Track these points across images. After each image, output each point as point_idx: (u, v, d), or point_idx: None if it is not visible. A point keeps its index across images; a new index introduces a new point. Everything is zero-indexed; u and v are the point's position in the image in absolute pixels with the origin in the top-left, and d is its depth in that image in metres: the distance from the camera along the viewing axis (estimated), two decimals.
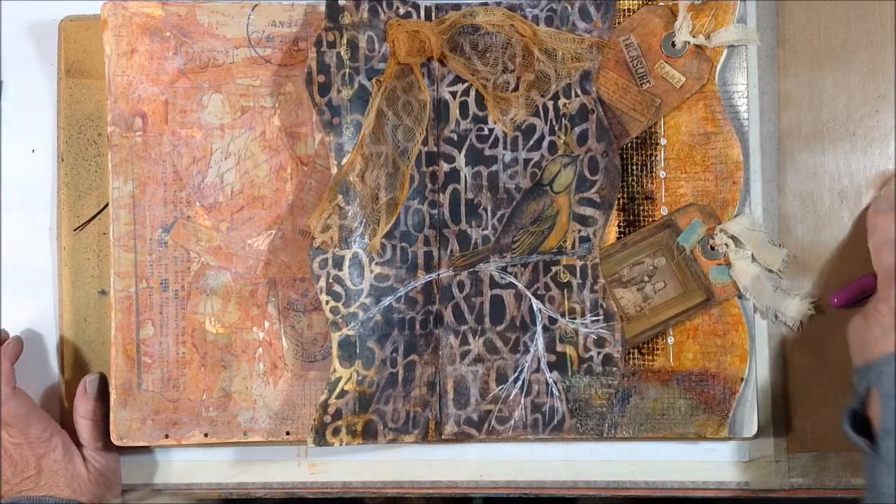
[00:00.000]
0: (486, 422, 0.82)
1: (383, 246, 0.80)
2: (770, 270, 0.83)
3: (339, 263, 0.79)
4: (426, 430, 0.81)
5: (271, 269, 0.82)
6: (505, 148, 0.82)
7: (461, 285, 0.82)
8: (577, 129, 0.82)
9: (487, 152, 0.82)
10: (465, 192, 0.82)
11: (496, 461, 0.85)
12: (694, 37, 0.82)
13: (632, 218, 0.83)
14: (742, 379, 0.82)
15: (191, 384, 0.82)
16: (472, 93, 0.82)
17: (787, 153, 0.84)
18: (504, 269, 0.82)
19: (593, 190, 0.82)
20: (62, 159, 0.84)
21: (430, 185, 0.82)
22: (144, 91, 0.82)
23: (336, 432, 0.79)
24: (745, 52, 0.83)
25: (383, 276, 0.80)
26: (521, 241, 0.82)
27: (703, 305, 0.83)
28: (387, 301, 0.80)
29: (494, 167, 0.82)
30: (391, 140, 0.80)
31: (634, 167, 0.83)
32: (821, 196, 0.84)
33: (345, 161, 0.79)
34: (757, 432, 0.83)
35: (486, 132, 0.82)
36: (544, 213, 0.82)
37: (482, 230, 0.82)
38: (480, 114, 0.82)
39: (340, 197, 0.79)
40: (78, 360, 0.84)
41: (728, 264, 0.83)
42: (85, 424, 0.81)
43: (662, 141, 0.83)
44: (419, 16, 0.81)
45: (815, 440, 0.83)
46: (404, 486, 0.85)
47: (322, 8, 0.80)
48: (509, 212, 0.82)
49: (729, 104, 0.83)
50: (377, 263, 0.80)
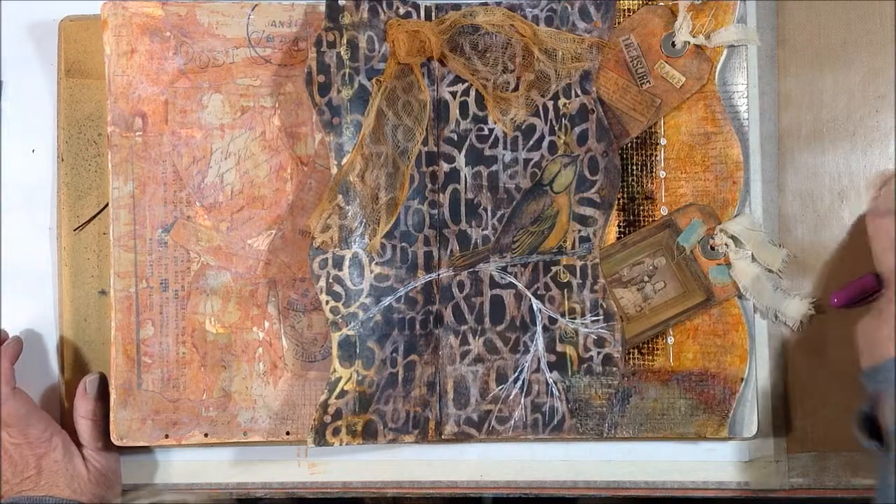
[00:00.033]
0: (486, 422, 0.82)
1: (383, 246, 0.80)
2: (770, 270, 0.83)
3: (339, 263, 0.79)
4: (426, 430, 0.81)
5: (271, 269, 0.82)
6: (505, 148, 0.82)
7: (461, 285, 0.82)
8: (577, 129, 0.82)
9: (487, 152, 0.82)
10: (465, 192, 0.82)
11: (496, 461, 0.85)
12: (694, 37, 0.82)
13: (632, 218, 0.83)
14: (742, 379, 0.82)
15: (191, 384, 0.82)
16: (472, 93, 0.82)
17: (787, 153, 0.84)
18: (504, 269, 0.82)
19: (593, 190, 0.82)
20: (62, 159, 0.84)
21: (430, 185, 0.82)
22: (144, 91, 0.82)
23: (336, 432, 0.79)
24: (745, 52, 0.83)
25: (383, 276, 0.80)
26: (521, 241, 0.82)
27: (703, 305, 0.83)
28: (387, 301, 0.80)
29: (494, 167, 0.82)
30: (391, 140, 0.80)
31: (634, 167, 0.83)
32: (821, 196, 0.84)
33: (345, 161, 0.79)
34: (757, 432, 0.83)
35: (486, 132, 0.82)
36: (544, 213, 0.82)
37: (482, 230, 0.82)
38: (480, 114, 0.82)
39: (340, 197, 0.79)
40: (78, 360, 0.84)
41: (728, 264, 0.83)
42: (85, 424, 0.81)
43: (662, 141, 0.83)
44: (419, 16, 0.81)
45: (815, 440, 0.83)
46: (404, 486, 0.85)
47: (322, 8, 0.80)
48: (509, 212, 0.82)
49: (729, 104, 0.83)
50: (377, 263, 0.80)
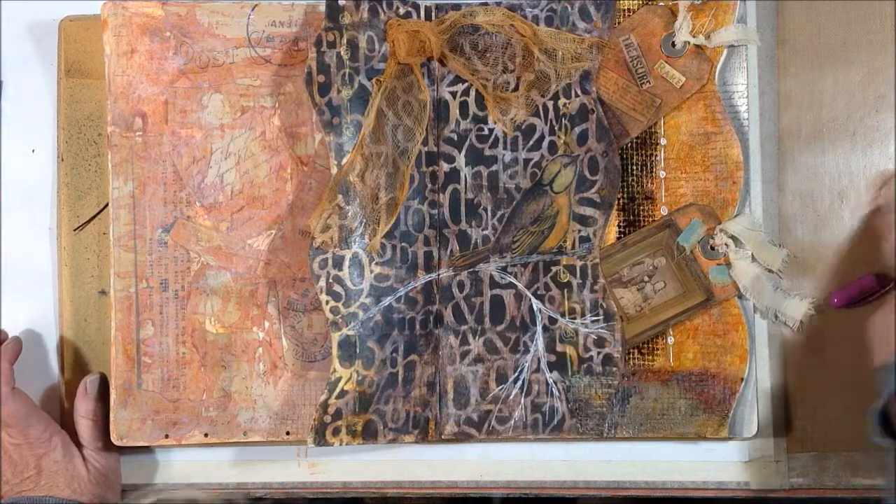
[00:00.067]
0: (486, 422, 0.82)
1: (383, 246, 0.80)
2: (770, 270, 0.83)
3: (339, 263, 0.79)
4: (426, 430, 0.81)
5: (271, 269, 0.82)
6: (505, 148, 0.82)
7: (461, 285, 0.82)
8: (577, 129, 0.82)
9: (487, 152, 0.82)
10: (465, 192, 0.82)
11: (496, 461, 0.85)
12: (694, 37, 0.82)
13: (632, 218, 0.83)
14: (742, 379, 0.82)
15: (191, 384, 0.82)
16: (472, 93, 0.82)
17: (787, 153, 0.84)
18: (504, 269, 0.82)
19: (593, 190, 0.82)
20: (62, 159, 0.84)
21: (430, 185, 0.82)
22: (144, 91, 0.82)
23: (336, 432, 0.79)
24: (745, 52, 0.83)
25: (383, 276, 0.80)
26: (521, 241, 0.82)
27: (703, 305, 0.83)
28: (387, 301, 0.80)
29: (494, 167, 0.82)
30: (391, 140, 0.80)
31: (634, 167, 0.83)
32: (821, 196, 0.84)
33: (345, 161, 0.79)
34: (757, 432, 0.83)
35: (486, 132, 0.82)
36: (544, 213, 0.82)
37: (482, 230, 0.82)
38: (480, 114, 0.82)
39: (340, 197, 0.79)
40: (78, 360, 0.84)
41: (728, 264, 0.83)
42: (85, 424, 0.81)
43: (662, 141, 0.83)
44: (419, 16, 0.81)
45: (815, 440, 0.83)
46: (404, 486, 0.85)
47: (322, 8, 0.80)
48: (509, 212, 0.82)
49: (729, 104, 0.83)
50: (377, 263, 0.80)
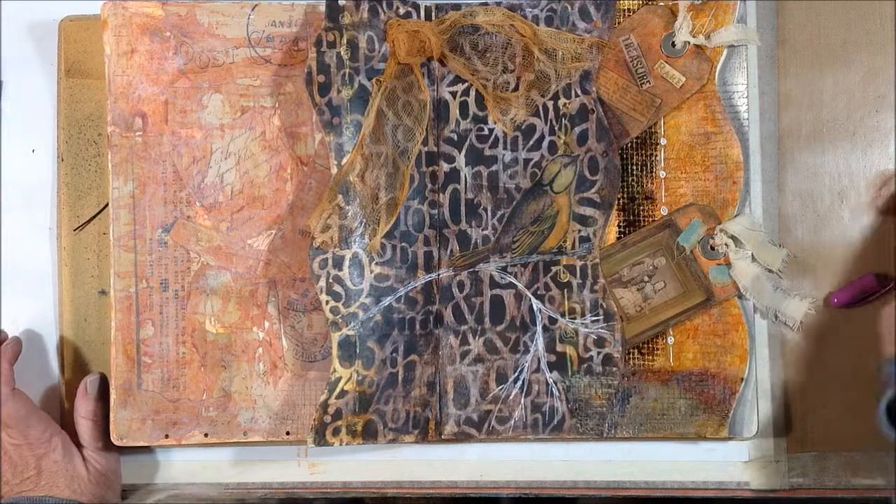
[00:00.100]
0: (486, 422, 0.82)
1: (383, 246, 0.80)
2: (770, 270, 0.83)
3: (339, 263, 0.79)
4: (426, 430, 0.81)
5: (271, 269, 0.82)
6: (505, 148, 0.82)
7: (461, 285, 0.82)
8: (577, 129, 0.82)
9: (487, 152, 0.82)
10: (465, 192, 0.82)
11: (496, 461, 0.85)
12: (694, 37, 0.82)
13: (632, 218, 0.83)
14: (742, 379, 0.82)
15: (191, 384, 0.82)
16: (472, 93, 0.82)
17: (787, 153, 0.84)
18: (504, 269, 0.82)
19: (593, 190, 0.82)
20: (62, 159, 0.84)
21: (430, 185, 0.82)
22: (144, 91, 0.82)
23: (336, 432, 0.79)
24: (745, 52, 0.83)
25: (383, 276, 0.80)
26: (521, 241, 0.82)
27: (703, 305, 0.83)
28: (387, 301, 0.80)
29: (494, 167, 0.82)
30: (391, 140, 0.80)
31: (634, 167, 0.83)
32: (821, 196, 0.84)
33: (345, 161, 0.79)
34: (757, 432, 0.83)
35: (486, 132, 0.82)
36: (544, 213, 0.82)
37: (482, 230, 0.82)
38: (480, 114, 0.82)
39: (340, 197, 0.79)
40: (78, 360, 0.84)
41: (728, 264, 0.83)
42: (85, 425, 0.81)
43: (662, 141, 0.83)
44: (419, 16, 0.81)
45: (815, 440, 0.83)
46: (404, 486, 0.85)
47: (322, 8, 0.80)
48: (509, 212, 0.82)
49: (729, 104, 0.83)
50: (377, 263, 0.80)
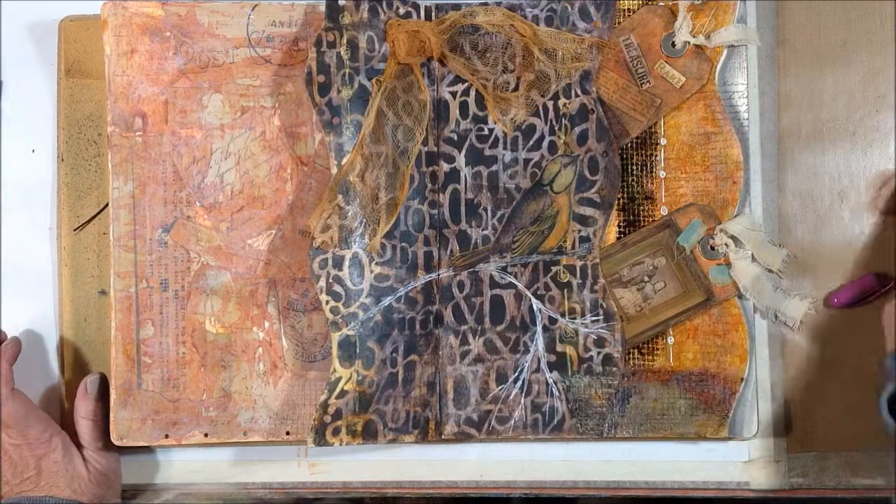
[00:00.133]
0: (486, 422, 0.82)
1: (383, 246, 0.80)
2: (770, 270, 0.83)
3: (339, 263, 0.79)
4: (426, 430, 0.81)
5: (271, 269, 0.82)
6: (505, 148, 0.82)
7: (461, 285, 0.82)
8: (577, 129, 0.82)
9: (487, 152, 0.82)
10: (465, 192, 0.82)
11: (496, 461, 0.85)
12: (694, 37, 0.82)
13: (632, 218, 0.83)
14: (742, 379, 0.82)
15: (191, 384, 0.82)
16: (472, 93, 0.82)
17: (787, 153, 0.84)
18: (504, 269, 0.82)
19: (593, 190, 0.82)
20: (62, 159, 0.84)
21: (430, 185, 0.82)
22: (144, 91, 0.82)
23: (336, 432, 0.79)
24: (745, 52, 0.83)
25: (383, 276, 0.80)
26: (521, 241, 0.82)
27: (703, 305, 0.83)
28: (387, 301, 0.80)
29: (494, 167, 0.82)
30: (391, 140, 0.80)
31: (634, 167, 0.83)
32: (821, 196, 0.84)
33: (345, 161, 0.79)
34: (757, 432, 0.83)
35: (486, 132, 0.82)
36: (544, 213, 0.82)
37: (482, 230, 0.82)
38: (480, 114, 0.82)
39: (340, 197, 0.79)
40: (78, 360, 0.84)
41: (728, 264, 0.83)
42: (85, 425, 0.81)
43: (662, 141, 0.83)
44: (419, 16, 0.81)
45: (815, 440, 0.83)
46: (404, 486, 0.85)
47: (322, 8, 0.80)
48: (509, 212, 0.82)
49: (729, 104, 0.83)
50: (377, 263, 0.80)
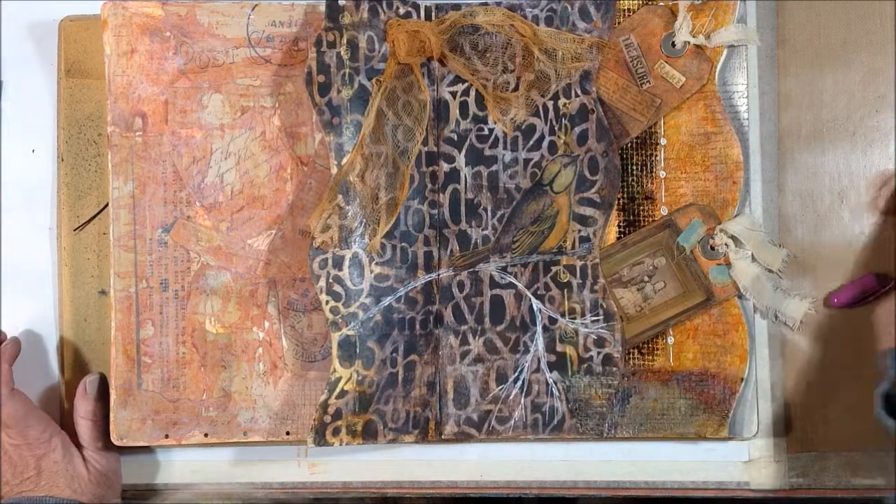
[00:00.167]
0: (486, 422, 0.82)
1: (383, 246, 0.80)
2: (770, 270, 0.83)
3: (339, 263, 0.79)
4: (426, 430, 0.81)
5: (271, 269, 0.82)
6: (505, 148, 0.82)
7: (461, 285, 0.82)
8: (577, 129, 0.82)
9: (487, 152, 0.82)
10: (465, 192, 0.82)
11: (496, 461, 0.85)
12: (694, 37, 0.82)
13: (632, 218, 0.83)
14: (742, 379, 0.82)
15: (191, 384, 0.82)
16: (472, 93, 0.82)
17: (787, 153, 0.84)
18: (504, 269, 0.82)
19: (593, 190, 0.82)
20: (62, 159, 0.84)
21: (430, 185, 0.82)
22: (144, 91, 0.82)
23: (336, 432, 0.79)
24: (745, 52, 0.83)
25: (383, 276, 0.80)
26: (521, 241, 0.82)
27: (703, 305, 0.83)
28: (387, 301, 0.80)
29: (494, 167, 0.82)
30: (391, 140, 0.80)
31: (634, 167, 0.83)
32: (821, 196, 0.84)
33: (345, 161, 0.79)
34: (757, 432, 0.83)
35: (486, 132, 0.82)
36: (544, 213, 0.82)
37: (482, 230, 0.82)
38: (480, 114, 0.82)
39: (340, 197, 0.79)
40: (78, 360, 0.84)
41: (728, 264, 0.83)
42: (85, 425, 0.81)
43: (662, 141, 0.83)
44: (419, 16, 0.81)
45: (815, 440, 0.83)
46: (404, 486, 0.85)
47: (322, 8, 0.80)
48: (509, 212, 0.82)
49: (729, 104, 0.83)
50: (377, 263, 0.80)
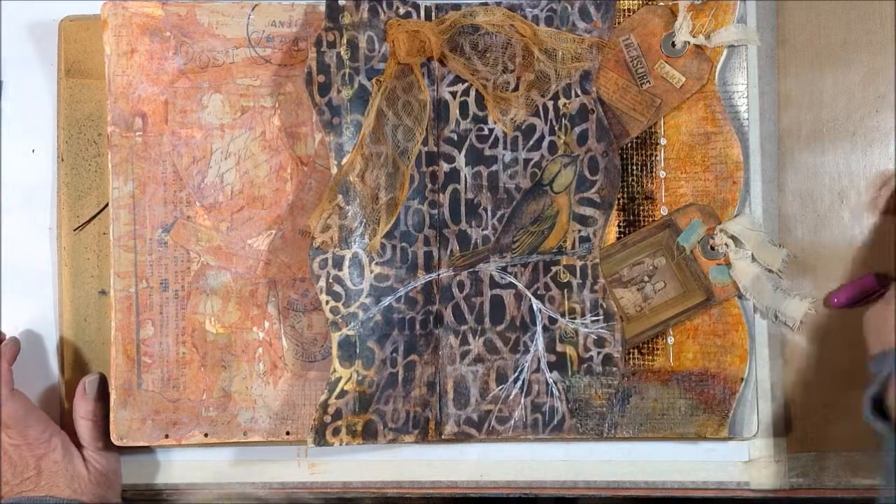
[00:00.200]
0: (486, 422, 0.81)
1: (383, 246, 0.80)
2: (770, 270, 0.83)
3: (339, 263, 0.79)
4: (426, 430, 0.81)
5: (271, 269, 0.82)
6: (505, 148, 0.82)
7: (461, 285, 0.82)
8: (577, 129, 0.82)
9: (487, 152, 0.82)
10: (465, 192, 0.82)
11: (496, 461, 0.85)
12: (694, 37, 0.82)
13: (632, 218, 0.83)
14: (742, 379, 0.82)
15: (191, 384, 0.82)
16: (472, 93, 0.82)
17: (787, 153, 0.84)
18: (504, 269, 0.82)
19: (593, 190, 0.82)
20: (62, 159, 0.84)
21: (430, 185, 0.82)
22: (144, 91, 0.82)
23: (336, 432, 0.79)
24: (745, 52, 0.83)
25: (383, 276, 0.80)
26: (521, 241, 0.82)
27: (703, 305, 0.83)
28: (387, 301, 0.80)
29: (494, 167, 0.82)
30: (391, 140, 0.80)
31: (634, 167, 0.83)
32: (821, 196, 0.84)
33: (345, 161, 0.79)
34: (757, 432, 0.83)
35: (486, 132, 0.82)
36: (544, 213, 0.82)
37: (482, 230, 0.82)
38: (480, 114, 0.82)
39: (340, 197, 0.79)
40: (78, 360, 0.84)
41: (728, 264, 0.83)
42: (85, 425, 0.80)
43: (662, 141, 0.83)
44: (419, 16, 0.81)
45: (815, 440, 0.83)
46: (404, 486, 0.85)
47: (322, 8, 0.80)
48: (509, 212, 0.82)
49: (729, 104, 0.83)
50: (377, 263, 0.80)
